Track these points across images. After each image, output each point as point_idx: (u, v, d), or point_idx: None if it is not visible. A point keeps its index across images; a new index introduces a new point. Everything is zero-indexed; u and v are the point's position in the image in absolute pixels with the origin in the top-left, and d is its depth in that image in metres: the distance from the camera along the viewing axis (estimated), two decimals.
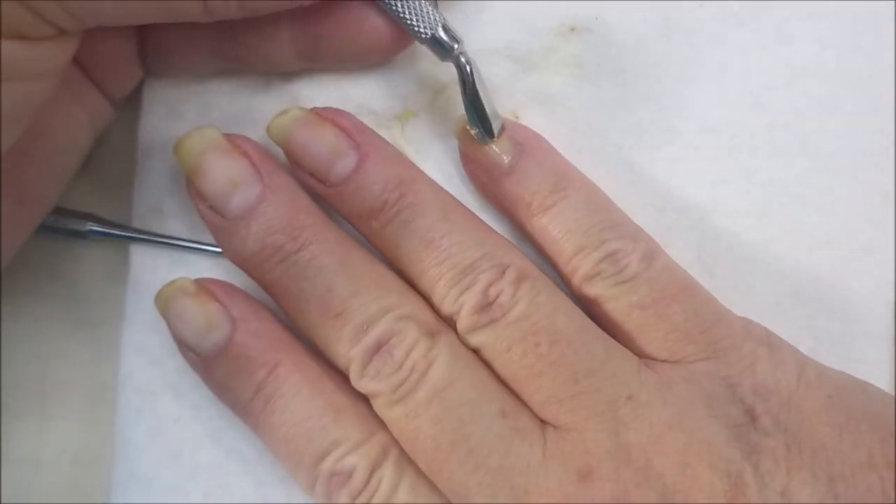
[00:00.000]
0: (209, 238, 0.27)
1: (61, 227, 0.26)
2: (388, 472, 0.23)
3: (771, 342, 0.23)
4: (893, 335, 0.26)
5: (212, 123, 0.25)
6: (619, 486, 0.21)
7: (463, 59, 0.24)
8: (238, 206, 0.24)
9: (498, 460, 0.22)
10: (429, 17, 0.23)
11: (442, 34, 0.24)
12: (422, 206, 0.24)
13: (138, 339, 0.26)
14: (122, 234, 0.27)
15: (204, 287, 0.25)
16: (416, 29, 0.23)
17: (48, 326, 0.27)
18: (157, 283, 0.26)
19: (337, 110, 0.25)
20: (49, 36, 0.20)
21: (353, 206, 0.24)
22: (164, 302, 0.24)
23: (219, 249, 0.26)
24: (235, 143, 0.24)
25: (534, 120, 0.26)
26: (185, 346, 0.24)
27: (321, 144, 0.24)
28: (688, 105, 0.26)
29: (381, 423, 0.23)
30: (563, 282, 0.25)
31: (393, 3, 0.23)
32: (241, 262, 0.24)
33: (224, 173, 0.24)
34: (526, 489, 0.21)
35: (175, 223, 0.27)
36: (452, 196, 0.25)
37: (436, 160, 0.26)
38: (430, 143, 0.27)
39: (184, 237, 0.27)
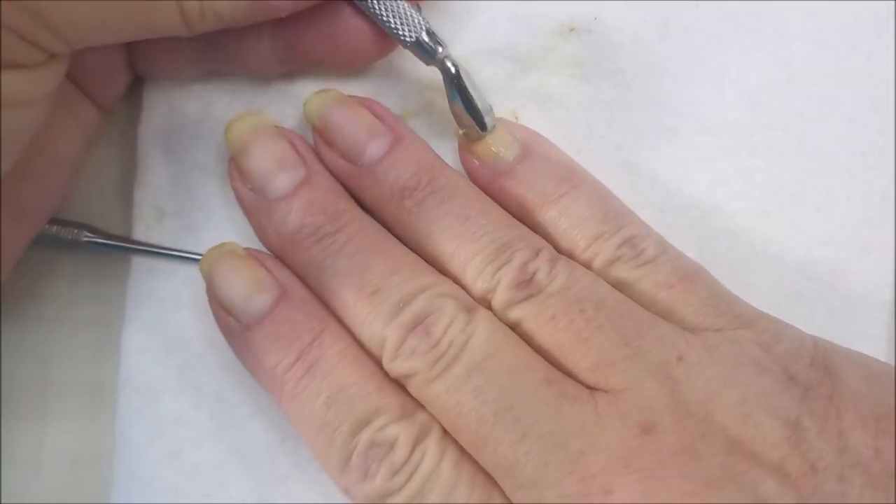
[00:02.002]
0: (206, 242, 0.26)
1: (57, 237, 0.26)
2: (431, 446, 0.22)
3: (779, 320, 0.23)
4: (891, 335, 0.26)
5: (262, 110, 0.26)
6: (684, 437, 0.21)
7: (448, 63, 0.24)
8: (281, 186, 0.24)
9: (547, 426, 0.21)
10: (412, 22, 0.23)
11: (426, 38, 0.24)
12: (455, 187, 0.24)
13: (138, 339, 0.26)
14: (118, 244, 0.27)
15: (252, 253, 0.25)
16: (400, 33, 0.23)
17: (48, 327, 0.27)
18: (157, 284, 0.27)
19: (369, 99, 0.26)
20: (42, 62, 0.20)
21: (385, 185, 0.24)
22: (211, 263, 0.24)
23: None
24: (282, 131, 0.25)
25: (533, 120, 0.26)
26: (223, 312, 0.24)
27: (359, 123, 0.25)
28: (686, 105, 0.26)
29: (421, 405, 0.23)
30: None
31: (375, 7, 0.23)
32: (279, 242, 0.25)
33: (272, 154, 0.25)
34: (581, 450, 0.21)
35: (175, 222, 0.27)
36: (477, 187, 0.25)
37: None
38: (431, 143, 0.27)
39: (182, 241, 0.27)
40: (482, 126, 0.25)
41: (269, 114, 0.26)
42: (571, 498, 0.20)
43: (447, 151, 0.27)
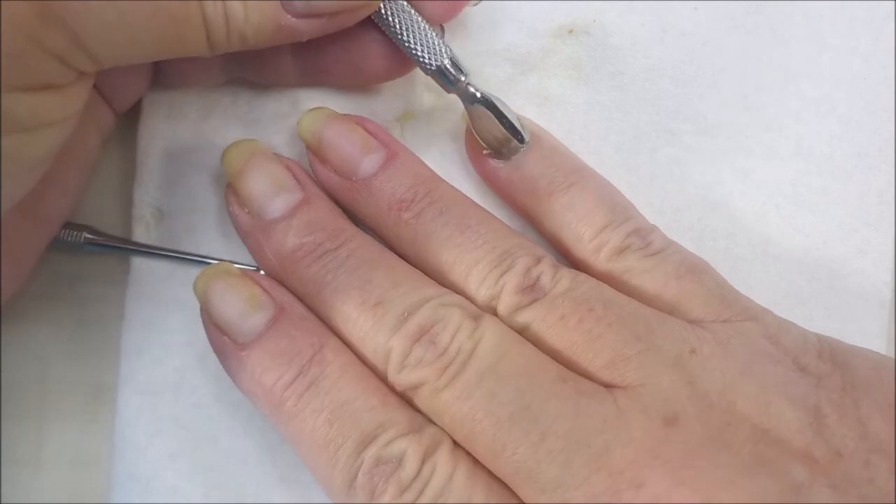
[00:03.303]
0: (205, 243, 0.27)
1: (58, 238, 0.26)
2: (442, 458, 0.21)
3: (782, 317, 0.23)
4: (890, 335, 0.26)
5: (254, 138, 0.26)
6: (709, 427, 0.20)
7: (471, 89, 0.24)
8: (279, 208, 0.24)
9: (567, 423, 0.20)
10: (435, 49, 0.24)
11: (448, 66, 0.24)
12: (453, 199, 0.25)
13: (138, 340, 0.26)
14: (118, 246, 0.27)
15: (247, 272, 0.25)
16: (423, 60, 0.24)
17: (48, 327, 0.27)
18: (157, 284, 0.27)
19: (362, 116, 0.26)
20: (73, 81, 0.21)
21: (381, 198, 0.25)
22: (206, 282, 0.24)
23: (211, 260, 0.26)
24: (277, 156, 0.25)
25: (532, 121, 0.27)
26: (218, 332, 0.24)
27: (352, 139, 0.25)
28: (684, 107, 0.26)
29: (429, 420, 0.22)
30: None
31: (400, 32, 0.23)
32: (278, 262, 0.24)
33: (269, 177, 0.25)
34: (606, 446, 0.20)
35: (174, 223, 0.27)
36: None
37: (435, 162, 0.27)
38: (430, 145, 0.27)
39: (181, 242, 0.27)
40: (522, 140, 0.25)
41: (267, 118, 0.26)
42: (601, 496, 0.20)
43: (446, 153, 0.27)
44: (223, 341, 0.24)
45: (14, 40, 0.19)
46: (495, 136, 0.25)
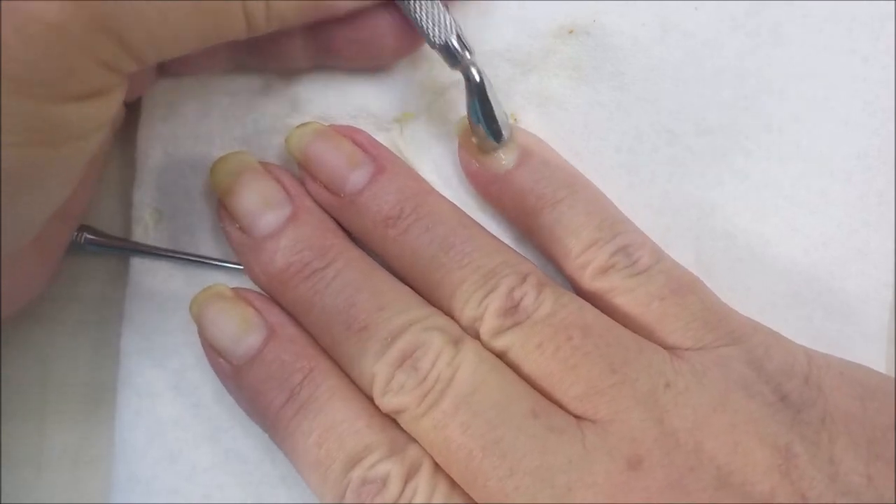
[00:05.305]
0: (204, 243, 0.27)
1: None
2: (422, 481, 0.22)
3: (774, 333, 0.23)
4: (891, 336, 0.26)
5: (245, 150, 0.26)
6: (672, 471, 0.21)
7: (473, 70, 0.24)
8: (268, 224, 0.25)
9: (534, 461, 0.21)
10: (444, 24, 0.24)
11: (454, 42, 0.24)
12: (439, 215, 0.25)
13: (138, 341, 0.26)
14: (118, 246, 0.27)
15: (240, 293, 0.25)
16: (430, 34, 0.24)
17: (48, 327, 0.27)
18: (157, 285, 0.27)
19: (352, 127, 0.26)
20: (118, 84, 0.21)
21: (368, 215, 0.25)
22: (200, 306, 0.25)
23: (211, 261, 0.27)
24: (268, 168, 0.25)
25: (532, 122, 0.27)
26: (215, 354, 0.24)
27: (339, 155, 0.25)
28: (684, 107, 0.26)
29: (412, 439, 0.23)
30: (567, 282, 0.25)
31: (411, 6, 0.23)
32: (267, 280, 0.25)
33: (257, 193, 0.25)
34: (569, 486, 0.21)
35: (173, 224, 0.27)
36: (464, 211, 0.26)
37: (434, 163, 0.27)
38: (429, 146, 0.27)
39: (181, 243, 0.27)
40: (497, 137, 0.25)
41: (266, 118, 0.26)
42: None
43: (445, 154, 0.27)
44: (219, 363, 0.24)
45: (70, 55, 0.19)
46: (476, 124, 0.25)
